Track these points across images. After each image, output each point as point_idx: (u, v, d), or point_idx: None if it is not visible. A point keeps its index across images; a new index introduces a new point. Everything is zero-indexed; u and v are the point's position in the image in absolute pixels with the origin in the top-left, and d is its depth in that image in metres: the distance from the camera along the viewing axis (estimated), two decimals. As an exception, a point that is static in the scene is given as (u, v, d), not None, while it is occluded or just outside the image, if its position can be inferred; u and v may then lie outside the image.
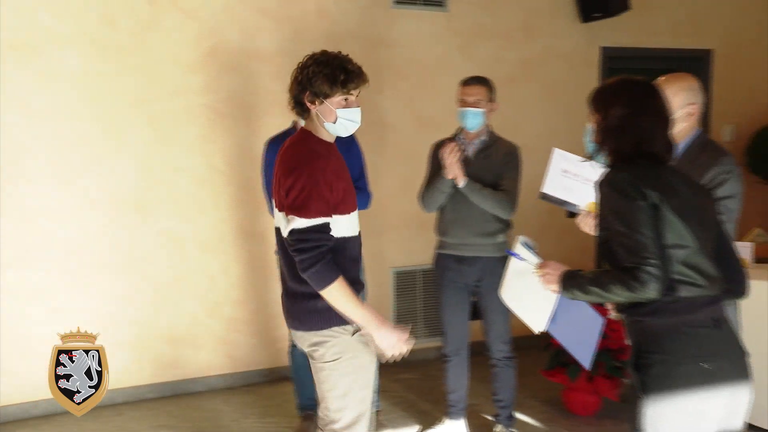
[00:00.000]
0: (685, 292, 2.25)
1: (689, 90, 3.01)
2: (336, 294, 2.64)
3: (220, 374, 5.20)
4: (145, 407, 4.88)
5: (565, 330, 2.64)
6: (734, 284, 2.40)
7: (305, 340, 2.81)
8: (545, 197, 3.41)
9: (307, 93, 2.73)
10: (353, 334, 2.77)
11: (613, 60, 6.26)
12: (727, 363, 2.26)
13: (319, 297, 2.69)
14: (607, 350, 4.35)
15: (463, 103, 3.92)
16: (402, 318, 5.64)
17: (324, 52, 2.74)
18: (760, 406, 4.09)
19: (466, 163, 3.93)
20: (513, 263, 2.75)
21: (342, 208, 2.72)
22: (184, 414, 4.74)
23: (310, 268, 2.61)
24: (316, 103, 2.73)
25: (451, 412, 4.22)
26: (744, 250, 4.47)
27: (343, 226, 2.75)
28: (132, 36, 4.81)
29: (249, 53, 5.12)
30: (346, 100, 2.74)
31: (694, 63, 6.60)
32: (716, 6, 6.64)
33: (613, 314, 2.50)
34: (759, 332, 4.08)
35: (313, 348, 2.79)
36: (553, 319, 2.59)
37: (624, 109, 2.35)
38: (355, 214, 2.82)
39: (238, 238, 5.19)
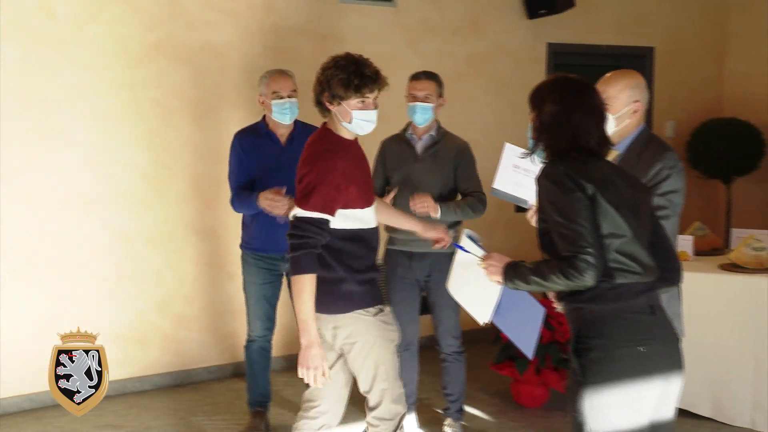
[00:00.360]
0: (621, 278, 2.32)
1: (634, 87, 3.04)
2: (301, 286, 2.80)
3: (168, 372, 5.15)
4: (91, 407, 4.80)
5: (509, 320, 2.69)
6: (670, 272, 2.47)
7: (328, 323, 2.94)
8: (496, 192, 3.45)
9: (326, 94, 2.91)
10: (375, 315, 2.95)
11: (559, 56, 6.36)
12: (662, 347, 2.35)
13: (341, 282, 2.89)
14: (554, 343, 4.42)
15: (413, 98, 3.94)
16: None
17: (346, 56, 2.91)
18: (695, 393, 4.23)
19: (415, 160, 3.96)
20: (459, 256, 2.80)
21: (355, 203, 2.90)
22: (130, 413, 4.68)
23: (293, 252, 2.81)
24: (334, 104, 2.91)
25: (401, 406, 4.23)
26: (685, 243, 4.59)
27: (360, 218, 2.93)
28: (73, 28, 4.71)
29: (196, 47, 5.07)
30: (362, 102, 2.91)
31: (637, 60, 6.74)
32: (657, 5, 6.80)
33: (558, 307, 2.55)
34: (698, 321, 4.16)
35: (335, 331, 2.94)
36: (498, 310, 2.64)
37: (557, 106, 2.43)
38: (371, 209, 3.01)
39: (186, 235, 5.14)
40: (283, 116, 4.02)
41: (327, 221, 2.84)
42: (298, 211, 2.84)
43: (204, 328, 5.25)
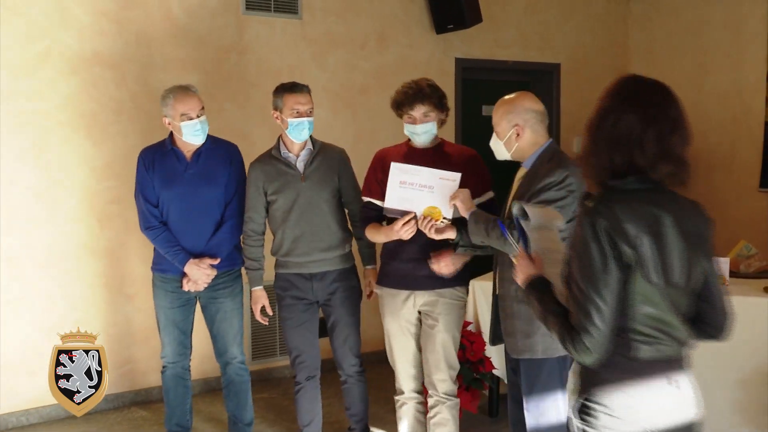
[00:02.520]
0: (644, 353, 2.05)
1: (511, 112, 3.17)
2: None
3: (58, 403, 4.88)
4: (-27, 443, 4.54)
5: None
6: (712, 328, 2.16)
7: (421, 299, 3.59)
8: (387, 211, 3.50)
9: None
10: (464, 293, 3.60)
11: (467, 71, 6.43)
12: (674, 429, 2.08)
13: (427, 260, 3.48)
14: (466, 362, 4.40)
15: (297, 114, 3.78)
16: (257, 333, 5.54)
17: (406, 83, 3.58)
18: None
19: (299, 180, 3.84)
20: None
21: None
22: (17, 448, 4.45)
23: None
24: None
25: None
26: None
27: None
28: (-47, 36, 4.48)
29: (88, 57, 4.89)
30: (410, 117, 3.56)
31: (543, 76, 6.88)
32: (563, 21, 6.96)
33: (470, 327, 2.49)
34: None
35: (427, 307, 3.59)
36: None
37: (633, 115, 2.04)
38: None
39: (80, 255, 4.94)
40: (196, 138, 3.89)
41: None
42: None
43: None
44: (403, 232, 3.40)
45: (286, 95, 3.79)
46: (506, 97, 3.25)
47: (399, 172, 3.43)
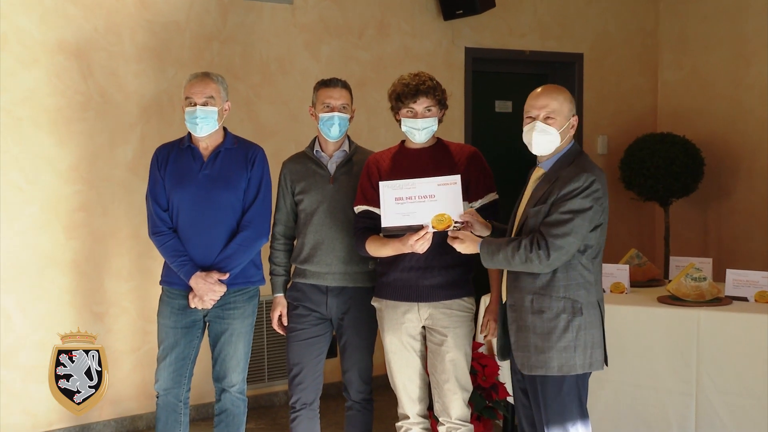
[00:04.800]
0: None
1: (571, 101, 3.28)
2: None
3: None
4: None
5: None
6: None
7: (425, 311, 3.62)
8: (387, 230, 3.49)
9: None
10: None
11: (478, 62, 6.37)
12: None
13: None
14: (478, 388, 4.35)
15: (329, 108, 3.84)
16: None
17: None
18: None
19: (327, 182, 3.87)
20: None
21: None
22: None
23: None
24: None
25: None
26: (620, 273, 4.60)
27: None
28: None
29: (52, 45, 4.83)
30: (410, 111, 3.57)
31: (564, 67, 6.83)
32: (585, 7, 6.90)
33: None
34: (633, 362, 4.29)
35: (433, 321, 3.63)
36: None
37: None
38: None
39: (43, 268, 4.88)
40: (194, 127, 3.84)
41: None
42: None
43: (62, 380, 4.95)
44: (418, 245, 3.40)
45: (320, 89, 3.90)
46: (552, 84, 3.36)
47: (390, 190, 3.47)
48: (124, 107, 5.01)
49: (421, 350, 3.71)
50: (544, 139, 3.22)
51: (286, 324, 3.99)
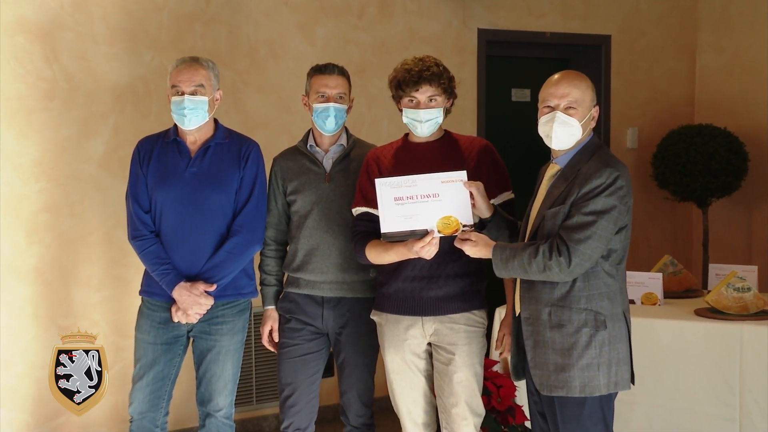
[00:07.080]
0: None
1: (593, 90, 3.29)
2: None
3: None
4: None
5: None
6: None
7: (430, 326, 3.63)
8: (388, 236, 3.46)
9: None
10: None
11: (493, 45, 6.38)
12: None
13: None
14: (492, 411, 4.35)
15: (323, 98, 3.83)
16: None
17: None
18: None
19: (323, 180, 3.88)
20: None
21: None
22: None
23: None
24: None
25: None
26: (653, 283, 4.57)
27: None
28: None
29: (10, 24, 4.80)
30: (412, 100, 3.58)
31: (588, 51, 6.83)
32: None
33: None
34: (668, 382, 4.31)
35: (438, 337, 3.63)
36: None
37: None
38: None
39: (2, 277, 4.87)
40: (180, 119, 3.83)
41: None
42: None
43: (23, 402, 4.95)
44: (424, 251, 3.38)
45: (315, 77, 3.92)
46: (571, 70, 3.36)
47: (388, 189, 3.42)
48: (94, 95, 4.98)
49: (426, 370, 3.69)
50: (565, 131, 3.21)
51: (277, 340, 3.97)
